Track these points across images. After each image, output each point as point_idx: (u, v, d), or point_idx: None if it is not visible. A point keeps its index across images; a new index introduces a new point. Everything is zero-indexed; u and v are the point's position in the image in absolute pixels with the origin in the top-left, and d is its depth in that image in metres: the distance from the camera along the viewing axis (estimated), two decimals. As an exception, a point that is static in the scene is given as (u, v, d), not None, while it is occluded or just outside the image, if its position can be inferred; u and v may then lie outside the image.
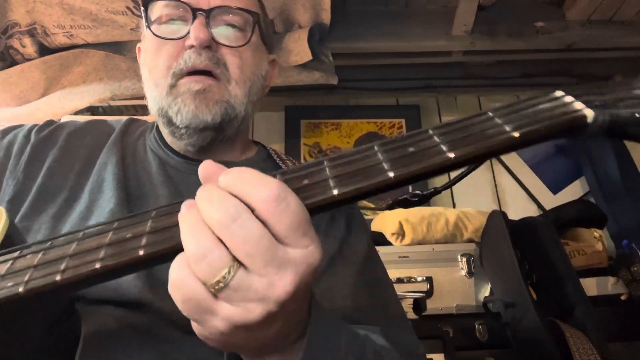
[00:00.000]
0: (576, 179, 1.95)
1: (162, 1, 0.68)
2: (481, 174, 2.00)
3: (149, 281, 0.55)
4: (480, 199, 1.93)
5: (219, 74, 0.66)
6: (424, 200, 0.42)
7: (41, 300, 0.36)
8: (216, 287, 0.31)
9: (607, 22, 1.77)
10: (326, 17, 1.57)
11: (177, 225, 0.35)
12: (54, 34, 1.55)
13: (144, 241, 0.35)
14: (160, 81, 0.67)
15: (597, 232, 1.54)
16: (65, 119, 1.63)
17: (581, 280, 1.24)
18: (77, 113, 1.71)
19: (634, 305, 1.34)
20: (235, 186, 0.32)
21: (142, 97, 0.74)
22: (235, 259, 0.31)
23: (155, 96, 0.69)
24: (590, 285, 1.39)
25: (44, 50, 1.60)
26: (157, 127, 0.76)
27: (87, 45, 1.61)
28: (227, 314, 0.31)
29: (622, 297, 1.37)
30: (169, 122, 0.67)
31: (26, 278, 0.36)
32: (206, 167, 0.35)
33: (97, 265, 0.35)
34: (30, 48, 1.56)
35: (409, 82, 2.08)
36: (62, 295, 0.39)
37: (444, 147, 0.34)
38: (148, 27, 0.69)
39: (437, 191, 0.42)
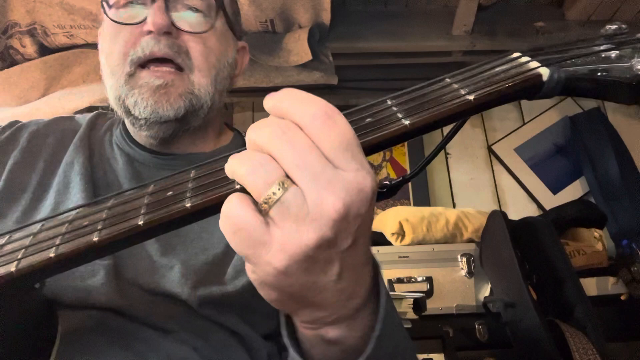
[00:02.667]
0: (576, 179, 1.95)
1: None
2: (481, 174, 2.00)
3: (118, 286, 0.54)
4: (480, 199, 1.93)
5: (180, 62, 0.62)
6: (392, 190, 0.42)
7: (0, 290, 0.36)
8: (269, 202, 0.29)
9: (607, 22, 1.77)
10: (326, 17, 1.57)
11: (135, 209, 0.34)
12: (54, 34, 1.55)
13: (99, 226, 0.34)
14: (116, 69, 0.63)
15: (597, 232, 1.54)
16: (65, 119, 1.63)
17: (581, 280, 1.24)
18: (77, 113, 1.71)
19: (634, 305, 1.34)
20: (282, 105, 0.31)
21: None
22: (286, 176, 0.29)
23: (112, 84, 0.65)
24: (590, 285, 1.39)
25: (44, 50, 1.60)
26: (124, 121, 0.72)
27: (87, 45, 1.61)
28: (279, 240, 0.29)
29: (622, 297, 1.37)
30: (128, 112, 0.63)
31: None
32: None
33: (52, 254, 0.34)
34: (30, 48, 1.56)
35: (409, 82, 2.06)
36: (21, 286, 0.38)
37: (399, 115, 0.34)
38: (104, 11, 0.64)
39: (406, 180, 0.42)
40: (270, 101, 0.32)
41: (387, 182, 0.36)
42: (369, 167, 0.31)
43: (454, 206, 1.91)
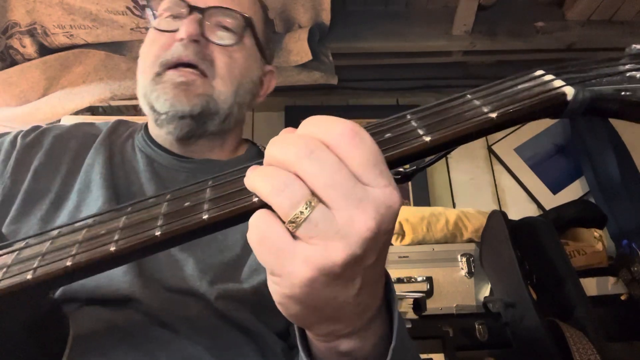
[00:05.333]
0: (576, 179, 1.95)
1: None
2: (481, 174, 2.00)
3: (139, 276, 0.56)
4: (480, 199, 1.93)
5: (204, 69, 0.68)
6: (407, 178, 0.42)
7: (15, 300, 0.36)
8: (297, 221, 0.29)
9: (607, 22, 1.77)
10: (326, 17, 1.57)
11: (150, 219, 0.34)
12: (54, 34, 1.54)
13: (116, 237, 0.34)
14: (147, 69, 0.70)
15: (597, 232, 1.54)
16: (65, 119, 1.64)
17: (581, 280, 1.24)
18: (77, 113, 1.71)
19: (634, 305, 1.34)
20: (307, 128, 0.32)
21: None
22: (313, 193, 0.29)
23: (141, 82, 0.71)
24: (590, 285, 1.39)
25: (44, 50, 1.59)
26: (146, 127, 0.77)
27: (87, 45, 1.61)
28: (307, 254, 0.29)
29: (622, 297, 1.37)
30: (152, 108, 0.69)
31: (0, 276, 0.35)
32: None
33: (68, 263, 0.34)
34: (30, 48, 1.56)
35: (409, 82, 2.08)
36: (36, 293, 0.38)
37: (420, 132, 0.33)
38: (149, 21, 0.73)
39: (420, 168, 0.41)
40: (293, 129, 0.33)
41: (401, 169, 0.36)
42: (394, 183, 0.31)
43: (454, 206, 1.91)
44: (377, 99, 2.13)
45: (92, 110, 1.90)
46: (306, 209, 0.29)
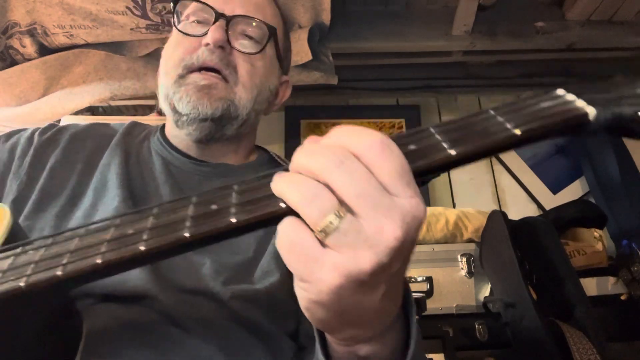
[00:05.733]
0: (576, 179, 1.95)
1: (189, 1, 0.74)
2: (481, 174, 2.00)
3: (154, 274, 0.57)
4: (480, 199, 1.93)
5: (227, 74, 0.70)
6: (423, 183, 0.43)
7: (42, 295, 0.36)
8: (326, 231, 0.29)
9: (607, 22, 1.77)
10: (326, 17, 1.57)
11: (179, 221, 0.35)
12: (54, 34, 1.54)
13: (145, 236, 0.35)
14: (170, 70, 0.71)
15: (597, 232, 1.54)
16: (65, 118, 1.63)
17: (581, 280, 1.24)
18: (77, 113, 1.71)
19: (634, 305, 1.34)
20: (336, 139, 0.32)
21: (142, 97, 0.76)
22: (341, 203, 0.30)
23: (164, 83, 0.72)
24: (590, 285, 1.39)
25: (44, 50, 1.59)
26: (162, 129, 0.79)
27: (87, 45, 1.61)
28: (336, 262, 0.30)
29: (622, 297, 1.37)
30: (174, 110, 0.70)
31: (28, 272, 0.36)
32: None
33: (98, 260, 0.35)
34: (30, 48, 1.56)
35: (409, 82, 2.08)
36: (64, 290, 0.40)
37: (445, 145, 0.33)
38: (174, 22, 0.74)
39: (435, 175, 0.42)
40: (322, 140, 0.33)
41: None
42: (420, 194, 0.32)
43: (454, 206, 1.91)
44: (377, 99, 2.13)
45: (92, 110, 1.90)
46: (335, 218, 0.29)
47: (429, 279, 1.41)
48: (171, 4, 0.74)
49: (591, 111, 0.34)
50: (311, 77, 1.66)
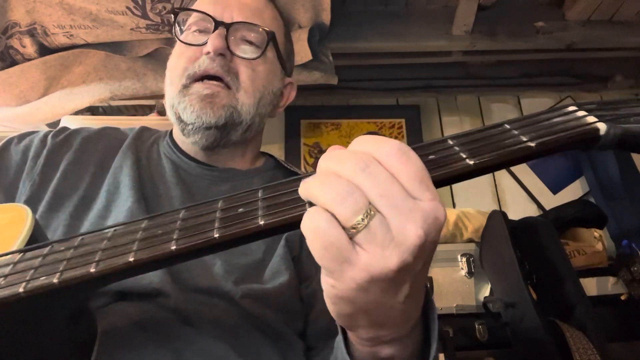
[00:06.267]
0: (576, 179, 1.95)
1: (189, 12, 0.76)
2: (481, 174, 2.00)
3: (169, 272, 0.59)
4: (480, 199, 1.93)
5: (229, 81, 0.71)
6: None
7: (74, 291, 0.38)
8: (358, 228, 0.31)
9: (607, 22, 1.77)
10: (326, 17, 1.57)
11: (207, 222, 0.37)
12: (54, 34, 1.54)
13: (175, 237, 0.37)
14: (175, 80, 0.73)
15: (597, 232, 1.54)
16: (65, 118, 1.63)
17: (581, 280, 1.24)
18: (77, 113, 1.71)
19: (634, 305, 1.34)
20: (359, 146, 0.34)
21: (142, 97, 0.77)
22: (370, 204, 0.31)
23: (169, 93, 0.74)
24: (590, 285, 1.39)
25: (44, 50, 1.59)
26: (171, 134, 0.81)
27: (87, 45, 1.61)
28: (365, 261, 0.31)
29: (622, 297, 1.37)
30: (179, 119, 0.72)
31: (61, 268, 0.37)
32: None
33: (131, 258, 0.37)
34: (30, 48, 1.56)
35: (409, 82, 2.08)
36: (95, 287, 0.41)
37: (463, 155, 0.36)
38: (175, 34, 0.77)
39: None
40: (344, 148, 0.35)
41: None
42: (439, 198, 0.33)
43: (454, 206, 1.91)
44: (377, 99, 2.13)
45: (92, 110, 1.90)
46: (366, 216, 0.31)
47: (429, 279, 1.41)
48: (172, 15, 0.76)
49: (602, 127, 0.36)
50: (311, 77, 1.66)
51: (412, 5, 1.77)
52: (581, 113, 0.38)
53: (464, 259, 1.44)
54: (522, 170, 1.98)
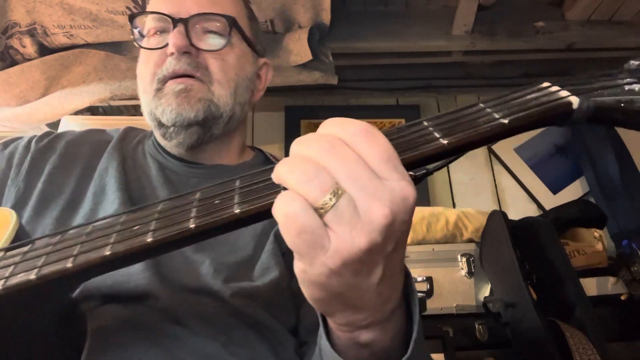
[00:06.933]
0: (576, 179, 1.95)
1: (145, 16, 0.73)
2: (481, 174, 2.00)
3: (156, 274, 0.58)
4: (480, 199, 1.93)
5: (199, 76, 0.70)
6: (416, 181, 0.44)
7: (53, 287, 0.37)
8: (325, 208, 0.31)
9: (607, 22, 1.77)
10: (326, 17, 1.57)
11: (184, 213, 0.37)
12: (54, 34, 1.54)
13: (151, 229, 0.37)
14: (147, 87, 0.72)
15: (597, 232, 1.54)
16: (65, 119, 1.64)
17: (581, 280, 1.24)
18: (77, 113, 1.71)
19: (634, 305, 1.34)
20: (326, 128, 0.34)
21: None
22: (338, 184, 0.31)
23: (145, 101, 0.73)
24: (590, 285, 1.39)
25: (44, 50, 1.59)
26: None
27: (87, 45, 1.61)
28: (336, 245, 0.31)
29: (622, 297, 1.37)
30: (159, 124, 0.70)
31: (39, 264, 0.37)
32: None
33: (107, 252, 0.36)
34: (30, 48, 1.56)
35: (409, 82, 2.08)
36: (73, 282, 0.41)
37: (437, 135, 0.36)
38: (135, 41, 0.74)
39: (430, 172, 0.44)
40: (320, 127, 0.35)
41: (411, 173, 0.38)
42: (409, 178, 0.33)
43: (454, 206, 1.91)
44: (377, 99, 2.13)
45: (92, 110, 1.90)
46: (334, 195, 0.31)
47: (429, 279, 1.41)
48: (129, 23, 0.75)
49: (575, 101, 0.36)
50: (311, 77, 1.66)
51: (412, 5, 1.77)
52: (554, 88, 0.38)
53: (464, 259, 1.44)
54: (522, 170, 1.98)
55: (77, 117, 1.67)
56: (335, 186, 0.31)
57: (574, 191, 1.94)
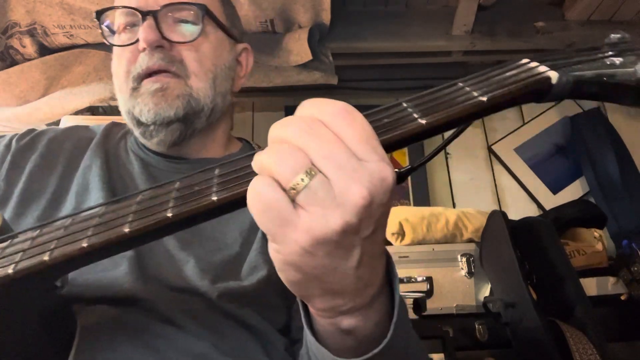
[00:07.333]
0: (576, 179, 1.95)
1: (114, 11, 0.70)
2: (481, 174, 2.00)
3: (141, 276, 0.57)
4: (480, 199, 1.93)
5: (175, 70, 0.67)
6: (400, 179, 0.44)
7: (32, 282, 0.37)
8: (297, 188, 0.30)
9: (607, 22, 1.77)
10: (326, 17, 1.57)
11: (162, 203, 0.36)
12: (54, 34, 1.55)
13: (129, 219, 0.36)
14: (122, 86, 0.69)
15: (597, 232, 1.54)
16: (65, 119, 1.64)
17: (581, 280, 1.24)
18: (77, 113, 1.71)
19: (634, 305, 1.34)
20: (304, 109, 0.34)
21: None
22: (312, 165, 0.31)
23: (121, 100, 0.70)
24: (590, 285, 1.39)
25: (44, 50, 1.59)
26: None
27: (87, 45, 1.61)
28: (306, 223, 0.31)
29: (622, 297, 1.37)
30: (138, 123, 0.68)
31: (17, 259, 0.37)
32: None
33: (84, 244, 0.36)
34: (30, 48, 1.56)
35: (409, 82, 2.08)
36: (52, 275, 0.40)
37: (415, 115, 0.35)
38: (105, 39, 0.71)
39: (414, 168, 0.43)
40: (298, 109, 0.35)
41: (396, 170, 0.37)
42: (388, 159, 0.32)
43: (454, 206, 1.91)
44: (377, 99, 2.13)
45: (92, 110, 1.90)
46: (307, 176, 0.30)
47: (429, 279, 1.41)
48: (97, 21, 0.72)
49: (553, 75, 0.36)
50: (311, 77, 1.66)
51: (412, 5, 1.77)
52: (533, 64, 0.38)
53: (464, 259, 1.44)
54: (522, 170, 1.98)
55: (77, 117, 1.67)
56: (309, 166, 0.31)
57: (574, 191, 1.94)
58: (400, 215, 1.51)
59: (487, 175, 2.00)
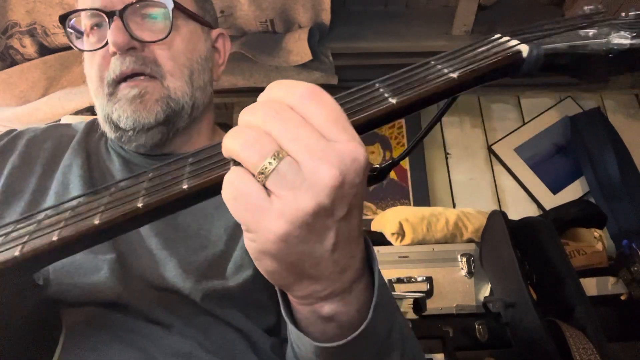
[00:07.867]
0: (576, 179, 1.95)
1: (78, 14, 0.66)
2: (481, 174, 2.00)
3: (123, 279, 0.56)
4: (480, 199, 1.93)
5: (150, 72, 0.64)
6: (382, 174, 0.43)
7: (5, 277, 0.37)
8: (265, 173, 0.30)
9: (607, 22, 1.77)
10: (326, 17, 1.57)
11: (133, 193, 0.36)
12: (54, 34, 1.55)
13: (100, 211, 0.36)
14: (97, 91, 0.67)
15: (597, 232, 1.54)
16: (65, 119, 1.64)
17: (581, 280, 1.24)
18: (77, 113, 1.71)
19: (634, 305, 1.34)
20: (271, 93, 0.34)
21: None
22: (280, 148, 0.31)
23: (98, 105, 0.68)
24: (590, 285, 1.39)
25: (44, 50, 1.60)
26: None
27: (87, 45, 1.61)
28: (278, 208, 0.30)
29: (622, 297, 1.37)
30: (116, 127, 0.65)
31: None
32: None
33: (54, 237, 0.36)
34: (30, 48, 1.56)
35: (409, 82, 2.08)
36: (23, 271, 0.39)
37: (386, 95, 0.35)
38: (72, 44, 0.68)
39: (395, 162, 0.43)
40: (260, 96, 0.34)
41: (377, 166, 0.37)
42: (359, 139, 0.32)
43: (454, 206, 1.91)
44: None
45: (92, 110, 1.89)
46: (275, 159, 0.30)
47: (429, 279, 1.41)
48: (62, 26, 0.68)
49: (524, 49, 0.36)
50: (311, 77, 1.66)
51: (412, 5, 1.77)
52: (505, 39, 0.37)
53: (464, 259, 1.44)
54: (522, 170, 1.98)
55: (77, 117, 1.67)
56: (277, 149, 0.30)
57: (574, 191, 1.94)
58: (400, 215, 1.51)
59: (487, 175, 2.00)
